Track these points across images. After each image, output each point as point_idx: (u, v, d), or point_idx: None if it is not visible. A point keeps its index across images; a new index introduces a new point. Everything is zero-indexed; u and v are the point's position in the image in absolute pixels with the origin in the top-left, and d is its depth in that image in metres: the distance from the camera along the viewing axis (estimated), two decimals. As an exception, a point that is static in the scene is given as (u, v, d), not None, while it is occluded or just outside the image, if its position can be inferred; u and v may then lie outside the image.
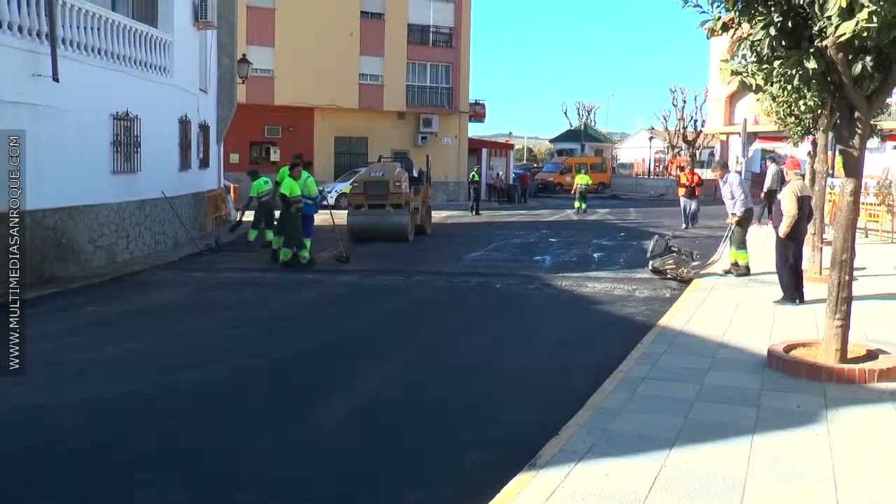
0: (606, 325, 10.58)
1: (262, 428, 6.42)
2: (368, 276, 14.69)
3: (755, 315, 10.25)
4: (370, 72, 39.49)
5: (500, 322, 10.92)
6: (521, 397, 7.27)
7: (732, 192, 13.51)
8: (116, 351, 8.99)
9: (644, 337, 9.09)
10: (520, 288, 13.53)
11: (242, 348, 9.23)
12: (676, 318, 10.16)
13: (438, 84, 41.89)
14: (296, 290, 13.40)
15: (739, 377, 7.25)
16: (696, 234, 22.05)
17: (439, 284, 13.89)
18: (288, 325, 10.73)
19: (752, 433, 5.70)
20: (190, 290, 13.40)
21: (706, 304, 11.09)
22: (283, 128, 37.97)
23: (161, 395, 7.27)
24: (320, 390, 7.41)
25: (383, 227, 20.18)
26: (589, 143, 72.41)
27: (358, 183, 21.09)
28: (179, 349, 9.16)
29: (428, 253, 18.72)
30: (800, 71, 6.73)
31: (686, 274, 13.73)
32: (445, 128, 41.45)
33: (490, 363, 8.64)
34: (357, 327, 10.58)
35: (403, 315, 11.57)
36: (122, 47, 16.10)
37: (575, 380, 7.70)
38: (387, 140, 39.13)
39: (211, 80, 23.04)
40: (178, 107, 19.51)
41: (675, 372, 7.46)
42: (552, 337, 9.93)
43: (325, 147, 38.09)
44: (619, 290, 13.01)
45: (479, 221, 29.23)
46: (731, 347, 8.47)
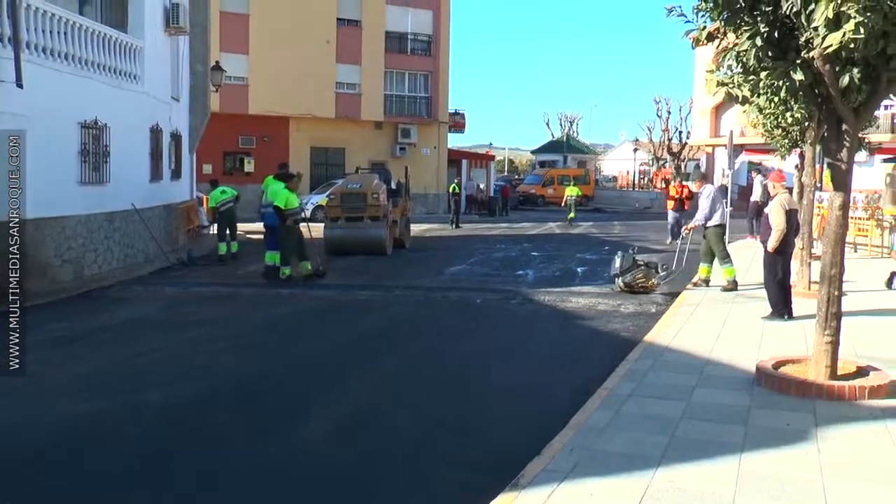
0: (591, 340, 10.59)
1: (235, 449, 6.37)
2: (346, 290, 14.64)
3: (743, 331, 10.30)
4: (347, 80, 39.52)
5: (482, 338, 10.91)
6: (503, 415, 7.25)
7: (706, 205, 13.80)
8: (82, 369, 8.89)
9: (629, 353, 9.11)
10: (502, 303, 13.53)
11: (214, 366, 9.16)
12: (662, 333, 10.19)
13: (417, 93, 41.98)
14: (270, 306, 13.34)
15: (727, 394, 7.28)
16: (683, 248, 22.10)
17: (418, 299, 13.86)
18: (262, 341, 10.66)
19: (741, 451, 5.72)
20: (160, 305, 13.30)
21: (693, 320, 11.14)
22: (258, 138, 37.88)
23: (128, 416, 7.19)
24: (294, 409, 7.37)
25: (361, 240, 20.15)
26: (572, 155, 72.76)
27: (334, 195, 21.07)
28: (148, 367, 9.08)
29: (407, 267, 18.70)
30: (786, 82, 6.81)
31: (656, 285, 14.04)
32: (424, 138, 41.52)
33: (471, 380, 8.62)
34: (334, 344, 10.53)
35: (382, 331, 11.53)
36: (90, 53, 16.01)
37: (558, 397, 7.69)
38: (364, 151, 39.16)
39: (183, 87, 22.96)
40: (149, 115, 19.42)
41: (661, 389, 7.48)
42: (535, 353, 9.92)
43: (301, 158, 37.99)
44: (604, 306, 13.04)
45: (460, 235, 29.25)
46: (718, 364, 8.50)
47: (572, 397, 7.39)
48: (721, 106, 42.59)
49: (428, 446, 6.42)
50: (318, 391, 8.06)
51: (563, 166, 67.50)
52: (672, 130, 65.70)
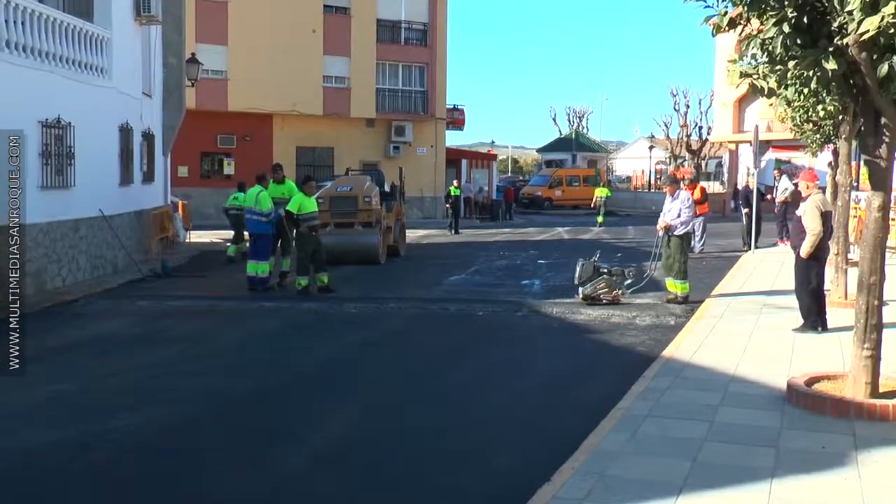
0: (603, 356, 10.58)
1: (213, 477, 6.33)
2: (335, 303, 14.61)
3: (772, 344, 10.27)
4: (335, 73, 39.55)
5: (484, 354, 10.89)
6: (508, 438, 7.23)
7: (681, 211, 13.97)
8: (44, 392, 8.84)
9: (646, 370, 9.09)
10: (505, 316, 13.51)
11: (191, 387, 9.12)
12: (682, 348, 10.18)
13: (412, 87, 42.00)
14: (252, 321, 13.31)
15: (755, 414, 7.25)
16: (702, 255, 22.12)
17: (415, 312, 13.84)
18: (242, 360, 10.63)
19: (771, 477, 5.68)
20: (132, 321, 13.26)
21: (716, 333, 11.12)
22: (238, 137, 37.89)
23: (95, 444, 7.14)
24: (279, 433, 7.33)
25: (351, 248, 20.12)
26: (581, 153, 72.77)
27: (323, 199, 21.00)
28: (119, 390, 9.03)
29: (402, 277, 18.69)
30: (818, 72, 6.77)
31: (622, 295, 14.08)
32: (420, 136, 41.56)
33: (473, 400, 8.60)
34: (322, 361, 10.50)
35: (375, 347, 11.51)
36: (51, 44, 15.98)
37: (569, 418, 7.67)
38: (355, 150, 39.16)
39: (156, 82, 22.96)
40: (119, 113, 19.40)
41: (681, 408, 7.46)
42: (542, 370, 9.91)
43: (286, 158, 37.73)
44: (618, 318, 13.01)
45: (459, 241, 29.24)
46: (744, 381, 8.48)
47: (584, 418, 7.36)
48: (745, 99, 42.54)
49: (423, 476, 6.37)
50: (304, 414, 8.03)
51: (571, 166, 67.49)
52: (691, 126, 65.64)
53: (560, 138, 78.86)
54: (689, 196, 14.50)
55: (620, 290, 14.14)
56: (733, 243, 24.55)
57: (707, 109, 62.83)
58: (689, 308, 13.50)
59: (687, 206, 14.05)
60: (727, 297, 14.23)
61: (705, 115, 64.03)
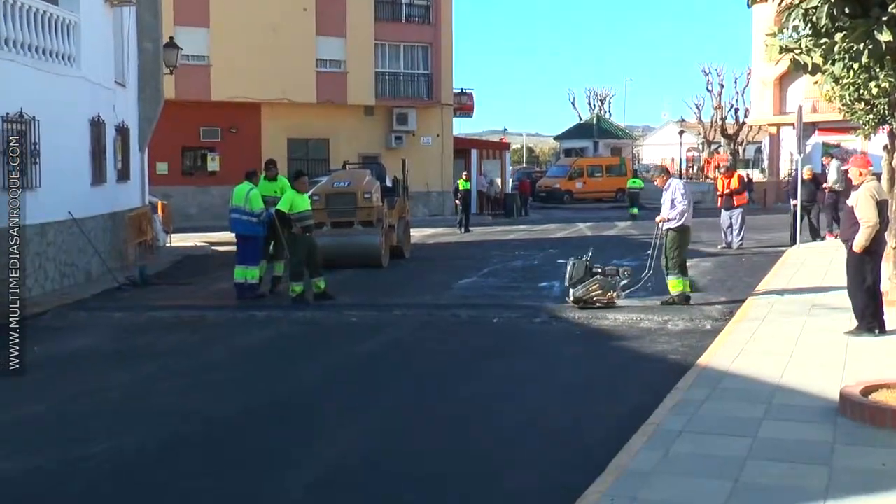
0: (632, 365, 10.58)
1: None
2: (333, 311, 14.61)
3: (822, 350, 10.24)
4: (329, 56, 39.57)
5: (499, 365, 10.88)
6: (527, 458, 7.22)
7: (674, 201, 14.06)
8: (9, 417, 8.83)
9: (680, 380, 9.08)
10: (523, 322, 13.50)
11: (174, 408, 9.11)
12: (720, 355, 10.15)
13: (415, 70, 42.01)
14: (242, 333, 13.31)
15: (804, 428, 7.22)
16: (742, 251, 22.03)
17: (422, 320, 13.86)
18: (230, 377, 10.62)
19: (824, 499, 5.65)
20: (107, 334, 13.27)
21: (758, 338, 11.08)
22: (223, 129, 37.91)
23: (68, 473, 7.13)
24: (273, 459, 7.32)
25: (351, 249, 20.11)
26: (603, 141, 72.81)
27: (318, 196, 20.99)
28: (94, 412, 9.02)
29: (407, 281, 18.71)
30: (869, 45, 6.71)
31: (616, 297, 14.11)
32: (425, 125, 41.53)
33: (487, 416, 8.59)
34: (319, 377, 10.51)
35: (378, 359, 11.51)
36: (11, 29, 15.98)
37: (594, 435, 7.67)
38: (352, 141, 39.16)
39: (130, 70, 22.98)
40: (89, 105, 19.42)
41: (720, 423, 7.44)
42: (564, 382, 9.90)
43: (276, 151, 37.70)
44: (648, 322, 12.99)
45: (470, 240, 29.26)
46: (791, 391, 8.45)
47: (611, 435, 7.35)
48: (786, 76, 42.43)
49: (435, 499, 6.37)
50: (300, 437, 8.02)
51: (593, 154, 67.55)
52: (726, 108, 65.67)
53: (580, 124, 78.89)
54: (683, 183, 14.72)
55: (615, 291, 14.15)
56: (776, 237, 24.47)
57: (744, 89, 62.87)
58: (727, 310, 13.48)
59: (682, 194, 14.15)
60: (770, 298, 14.18)
61: (742, 96, 64.04)
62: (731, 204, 23.10)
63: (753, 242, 23.62)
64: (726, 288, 16.00)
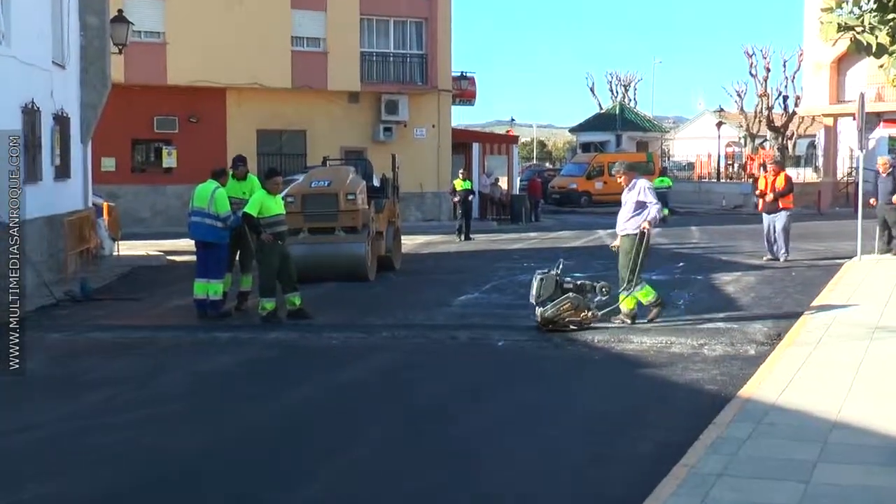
0: (661, 397, 10.57)
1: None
2: (311, 332, 14.62)
3: (888, 380, 10.23)
4: (307, 34, 39.62)
5: (505, 396, 10.87)
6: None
7: (645, 203, 14.31)
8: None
9: (718, 414, 9.07)
10: (531, 346, 13.51)
11: (121, 446, 9.07)
12: (766, 385, 10.14)
13: (407, 50, 41.99)
14: (203, 357, 13.30)
15: (867, 472, 7.21)
16: (790, 263, 21.93)
17: (415, 343, 13.86)
18: (190, 409, 10.60)
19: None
20: (42, 359, 13.16)
21: (810, 365, 11.07)
22: (182, 118, 37.92)
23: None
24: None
25: (331, 260, 20.10)
26: (627, 133, 72.78)
27: (293, 197, 21.00)
28: (26, 451, 9.00)
29: (397, 297, 18.72)
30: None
31: (591, 318, 14.14)
32: (418, 114, 41.55)
33: (491, 456, 8.58)
34: (294, 410, 10.47)
35: (362, 389, 11.49)
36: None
37: (614, 478, 7.68)
38: (334, 134, 39.16)
39: (71, 49, 22.97)
40: (20, 89, 19.37)
41: (766, 466, 7.42)
42: (581, 416, 9.91)
43: (244, 145, 37.58)
44: (679, 346, 13.00)
45: (471, 250, 29.29)
46: (851, 428, 8.44)
47: (636, 479, 7.36)
48: (845, 59, 42.55)
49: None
50: (271, 478, 8.00)
51: (615, 149, 67.52)
52: (773, 95, 65.65)
53: (600, 114, 78.91)
54: (649, 184, 14.87)
55: (590, 311, 14.17)
56: (833, 247, 24.47)
57: (794, 74, 62.90)
58: (773, 333, 13.50)
59: (651, 194, 14.40)
60: (825, 318, 14.15)
61: (792, 82, 64.06)
62: (775, 207, 22.69)
63: (806, 253, 23.62)
64: (773, 306, 15.99)
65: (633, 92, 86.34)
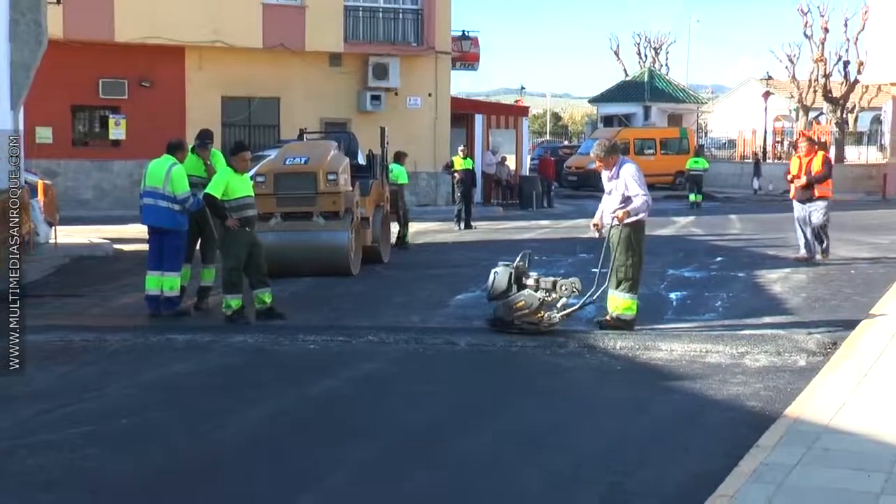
0: (695, 415, 10.57)
1: None
2: (283, 335, 14.62)
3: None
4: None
5: (512, 413, 10.89)
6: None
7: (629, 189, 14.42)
8: None
9: (762, 436, 9.07)
10: (543, 353, 13.52)
11: (57, 469, 9.06)
12: (819, 402, 10.14)
13: (398, 4, 42.00)
14: (156, 364, 13.30)
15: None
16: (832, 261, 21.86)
17: (405, 349, 13.88)
18: (141, 424, 10.59)
19: None
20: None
21: (872, 380, 11.08)
22: (132, 82, 37.81)
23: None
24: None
25: (308, 250, 20.09)
26: (658, 105, 72.87)
27: (263, 176, 21.01)
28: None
29: (385, 295, 18.76)
30: None
31: (552, 321, 14.16)
32: (412, 80, 41.54)
33: (495, 484, 8.58)
34: (260, 427, 10.50)
35: (343, 403, 11.52)
36: None
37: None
38: (312, 102, 39.19)
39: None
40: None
41: (819, 497, 7.45)
42: (599, 437, 9.92)
43: (206, 114, 37.81)
44: (716, 356, 13.03)
45: (472, 240, 29.39)
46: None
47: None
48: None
49: None
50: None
51: (643, 123, 67.58)
52: (832, 61, 65.49)
53: (625, 82, 79.02)
54: (636, 171, 14.76)
55: (552, 313, 14.19)
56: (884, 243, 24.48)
57: (857, 35, 62.61)
58: (828, 341, 13.49)
59: (637, 181, 14.44)
60: (889, 325, 14.15)
61: (855, 44, 63.76)
62: (810, 195, 22.01)
63: (867, 248, 23.60)
64: (828, 310, 16.00)
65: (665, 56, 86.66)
